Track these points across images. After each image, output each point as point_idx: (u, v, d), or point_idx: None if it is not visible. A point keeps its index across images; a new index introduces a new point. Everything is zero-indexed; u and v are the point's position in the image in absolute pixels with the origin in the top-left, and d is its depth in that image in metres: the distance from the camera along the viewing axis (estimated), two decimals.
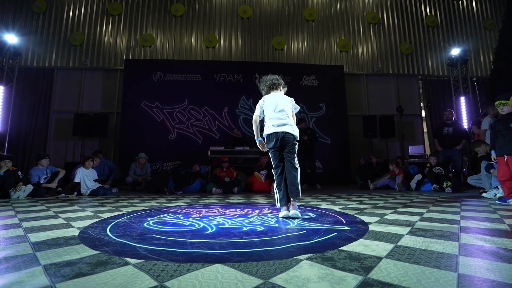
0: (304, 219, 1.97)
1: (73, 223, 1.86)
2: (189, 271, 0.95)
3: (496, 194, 3.13)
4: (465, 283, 0.82)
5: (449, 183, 4.06)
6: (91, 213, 2.32)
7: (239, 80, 7.49)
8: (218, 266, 1.00)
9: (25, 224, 1.82)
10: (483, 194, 3.40)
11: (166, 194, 4.35)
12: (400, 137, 7.89)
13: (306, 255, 1.11)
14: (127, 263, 1.03)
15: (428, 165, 5.83)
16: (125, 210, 2.56)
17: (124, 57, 7.90)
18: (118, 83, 7.79)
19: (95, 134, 6.95)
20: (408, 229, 1.59)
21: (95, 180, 4.28)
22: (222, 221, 1.91)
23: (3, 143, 6.08)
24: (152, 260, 1.06)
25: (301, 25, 8.82)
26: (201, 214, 2.25)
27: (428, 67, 8.92)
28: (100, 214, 2.26)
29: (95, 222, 1.89)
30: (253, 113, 2.57)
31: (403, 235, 1.43)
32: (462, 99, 7.02)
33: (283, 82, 2.53)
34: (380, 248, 1.20)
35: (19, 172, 3.80)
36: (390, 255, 1.09)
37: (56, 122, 7.59)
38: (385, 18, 9.13)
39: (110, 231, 1.62)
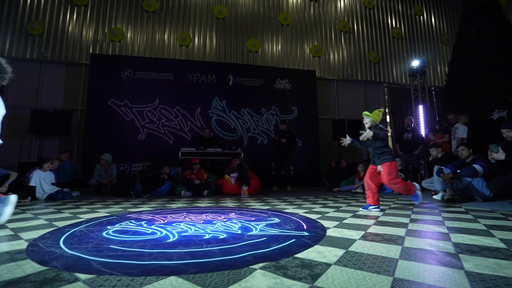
0: (268, 225, 2.02)
1: (22, 234, 1.74)
2: (142, 285, 0.94)
3: (444, 196, 3.44)
4: (398, 287, 0.91)
5: None
6: (45, 222, 2.18)
7: (212, 80, 7.43)
8: (172, 278, 1.00)
9: None
10: (434, 197, 3.72)
11: (132, 197, 4.20)
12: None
13: (261, 264, 1.15)
14: (76, 279, 1.00)
15: None
16: (85, 217, 2.44)
17: (91, 51, 7.48)
18: (83, 78, 7.37)
19: (56, 132, 6.50)
20: (362, 233, 1.71)
21: (53, 184, 4.01)
22: (185, 228, 1.90)
23: None
24: (105, 275, 1.04)
25: (276, 29, 8.97)
26: (166, 221, 2.22)
27: (393, 75, 9.53)
28: (55, 223, 2.13)
29: (47, 233, 1.78)
30: (226, 114, 2.71)
31: (355, 240, 1.53)
32: (421, 108, 7.59)
33: None
34: (332, 254, 1.27)
35: None
36: (339, 262, 1.17)
37: (9, 118, 6.95)
38: (355, 27, 9.59)
39: (63, 242, 1.54)
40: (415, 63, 7.62)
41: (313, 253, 1.30)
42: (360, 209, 2.86)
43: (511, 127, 3.02)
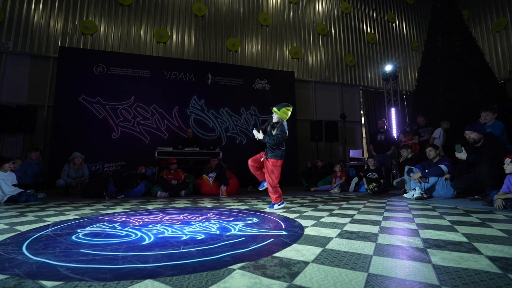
0: (247, 225, 2.02)
1: None
2: None
3: (414, 195, 3.64)
4: (372, 282, 0.94)
5: (375, 184, 4.62)
6: (5, 226, 2.01)
7: (191, 79, 7.29)
8: (148, 282, 0.97)
9: None
10: (404, 195, 3.93)
11: (105, 198, 4.00)
12: (342, 142, 8.61)
13: (239, 264, 1.14)
14: (41, 287, 0.93)
15: (365, 167, 6.50)
16: (52, 220, 2.28)
17: (59, 44, 7.04)
18: (51, 72, 6.91)
19: (19, 129, 6.03)
20: (338, 231, 1.76)
21: (14, 185, 3.71)
22: (162, 230, 1.84)
23: None
24: (74, 281, 0.98)
25: (255, 29, 8.99)
26: (141, 222, 2.14)
27: (368, 79, 9.94)
28: (17, 227, 1.98)
29: (8, 238, 1.65)
30: (205, 113, 2.77)
31: (332, 238, 1.57)
32: (393, 110, 7.98)
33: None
34: (310, 252, 1.30)
35: None
36: (316, 259, 1.19)
37: None
38: (333, 31, 9.88)
39: (26, 248, 1.43)
40: (388, 67, 8.00)
41: (292, 252, 1.31)
42: (267, 207, 2.98)
43: (473, 129, 3.26)
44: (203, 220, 2.21)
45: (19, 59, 6.83)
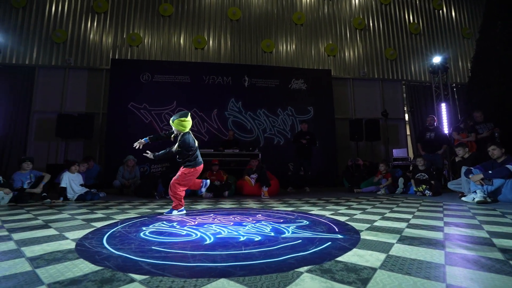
0: (298, 227, 2.03)
1: (66, 234, 1.83)
2: (196, 287, 0.98)
3: (474, 198, 3.33)
4: None
5: (425, 186, 4.30)
6: (83, 222, 2.28)
7: (228, 82, 7.50)
8: (223, 281, 1.03)
9: (16, 236, 1.77)
10: (462, 198, 3.61)
11: (155, 198, 4.31)
12: (385, 141, 8.18)
13: (305, 267, 1.16)
14: (132, 280, 1.05)
15: (411, 167, 6.09)
16: (118, 217, 2.53)
17: (111, 57, 7.72)
18: (104, 83, 7.61)
19: (80, 135, 6.76)
20: (397, 236, 1.69)
21: (81, 185, 4.18)
22: (218, 230, 1.93)
23: None
24: (157, 276, 1.08)
25: (289, 29, 8.94)
26: (196, 222, 2.27)
27: (411, 72, 9.29)
28: (93, 223, 2.23)
29: (89, 233, 1.87)
30: (242, 115, 2.84)
31: (393, 244, 1.52)
32: (443, 106, 7.36)
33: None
34: (374, 258, 1.27)
35: (0, 177, 3.65)
36: (383, 266, 1.16)
37: (38, 122, 7.29)
38: (371, 24, 9.42)
39: (107, 242, 1.61)
40: (437, 59, 7.41)
41: (354, 257, 1.30)
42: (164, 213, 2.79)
43: None
44: (254, 222, 2.28)
45: (79, 72, 7.64)
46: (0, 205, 3.41)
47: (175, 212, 2.76)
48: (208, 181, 2.99)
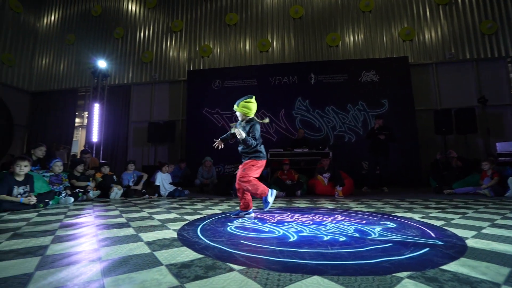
0: (385, 229, 1.89)
1: (167, 225, 2.14)
2: (292, 282, 1.01)
3: None
4: None
5: None
6: (177, 216, 2.62)
7: (294, 81, 7.48)
8: (317, 278, 1.05)
9: (133, 224, 2.16)
10: None
11: (232, 196, 4.62)
12: (483, 133, 6.86)
13: (405, 273, 1.08)
14: (232, 269, 1.15)
15: None
16: (204, 212, 2.81)
17: (187, 69, 8.62)
18: (182, 92, 8.55)
19: (165, 140, 7.76)
20: None
21: (170, 183, 4.80)
22: (299, 229, 1.96)
23: (99, 151, 7.23)
24: (253, 268, 1.17)
25: (356, 18, 8.36)
26: (275, 220, 2.35)
27: None
28: (185, 217, 2.54)
29: (185, 225, 2.14)
30: (310, 113, 2.68)
31: None
32: None
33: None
34: (493, 271, 1.09)
35: (114, 176, 4.50)
36: (509, 282, 0.99)
37: (134, 131, 8.71)
38: None
39: (201, 234, 1.81)
40: None
41: (464, 268, 1.14)
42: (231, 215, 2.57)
43: None
44: (334, 221, 2.22)
45: (162, 86, 8.80)
46: (115, 199, 4.20)
47: (242, 214, 2.55)
48: (275, 191, 2.56)
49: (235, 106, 2.55)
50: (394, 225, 2.04)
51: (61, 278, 1.06)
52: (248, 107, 2.50)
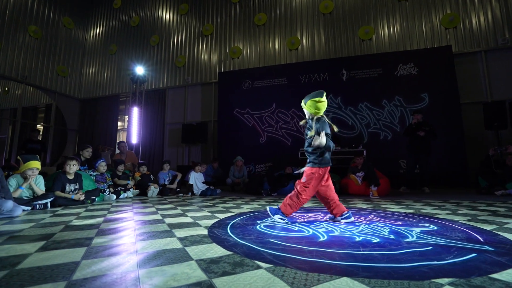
0: (424, 232, 1.76)
1: (199, 222, 2.22)
2: (319, 282, 0.99)
3: None
4: None
5: None
6: (209, 213, 2.70)
7: (325, 78, 7.28)
8: (347, 279, 1.01)
9: (167, 221, 2.28)
10: None
11: (262, 195, 4.64)
12: None
13: (446, 279, 0.99)
14: (259, 267, 1.16)
15: None
16: (234, 211, 2.86)
17: (217, 71, 8.85)
18: (214, 94, 8.79)
19: (198, 140, 8.05)
20: None
21: (203, 182, 4.97)
22: (330, 229, 1.90)
23: (138, 152, 7.75)
24: (280, 266, 1.16)
25: (391, 8, 7.87)
26: (305, 219, 2.31)
27: None
28: (216, 215, 2.61)
29: (215, 223, 2.20)
30: (342, 110, 2.49)
31: None
32: None
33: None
34: None
35: (151, 176, 4.78)
36: None
37: (169, 132, 9.17)
38: None
39: (231, 232, 1.85)
40: None
41: None
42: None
43: None
44: (368, 222, 2.12)
45: (195, 88, 9.14)
46: (152, 197, 4.47)
47: (276, 216, 2.21)
48: (353, 217, 2.22)
49: (303, 104, 2.33)
50: (435, 228, 1.89)
51: (102, 268, 1.15)
52: (317, 107, 2.21)
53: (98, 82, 10.51)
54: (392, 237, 1.64)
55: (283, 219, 2.19)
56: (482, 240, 1.55)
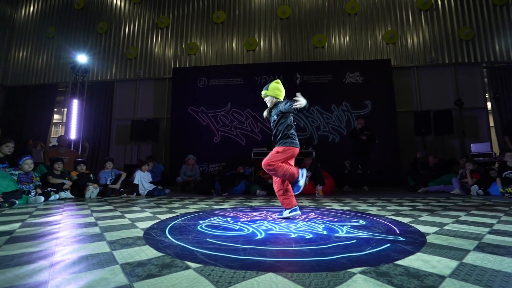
0: (354, 227, 1.91)
1: (137, 224, 2.09)
2: (244, 279, 1.00)
3: None
4: None
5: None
6: (150, 214, 2.56)
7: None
8: (271, 275, 1.04)
9: (100, 223, 2.09)
10: None
11: (213, 195, 4.58)
12: (459, 134, 7.10)
13: (359, 268, 1.09)
14: (188, 267, 1.13)
15: (496, 164, 5.15)
16: (179, 211, 2.77)
17: (172, 66, 8.49)
18: (167, 90, 8.41)
19: (149, 138, 7.62)
20: (475, 243, 1.45)
21: (150, 182, 4.70)
22: (270, 226, 1.95)
23: (77, 149, 7.01)
24: (210, 266, 1.15)
25: (342, 20, 8.48)
26: (249, 218, 2.34)
27: (495, 52, 7.85)
28: (158, 216, 2.49)
29: (155, 224, 2.09)
30: (294, 113, 2.53)
31: (469, 251, 1.31)
32: None
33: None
34: (442, 265, 1.12)
35: (91, 175, 4.37)
36: (455, 274, 1.01)
37: (117, 128, 8.49)
38: (439, 2, 8.27)
39: (169, 233, 1.78)
40: None
41: (417, 262, 1.16)
42: (276, 215, 2.38)
43: None
44: (307, 219, 2.23)
45: (147, 83, 8.62)
46: (91, 198, 4.08)
47: (286, 213, 2.26)
48: (305, 170, 2.29)
49: (264, 92, 2.45)
50: (364, 223, 2.07)
51: (2, 280, 1.01)
52: (278, 88, 2.40)
53: (30, 68, 9.23)
54: (325, 232, 1.75)
55: (295, 211, 2.24)
56: (398, 232, 1.74)
